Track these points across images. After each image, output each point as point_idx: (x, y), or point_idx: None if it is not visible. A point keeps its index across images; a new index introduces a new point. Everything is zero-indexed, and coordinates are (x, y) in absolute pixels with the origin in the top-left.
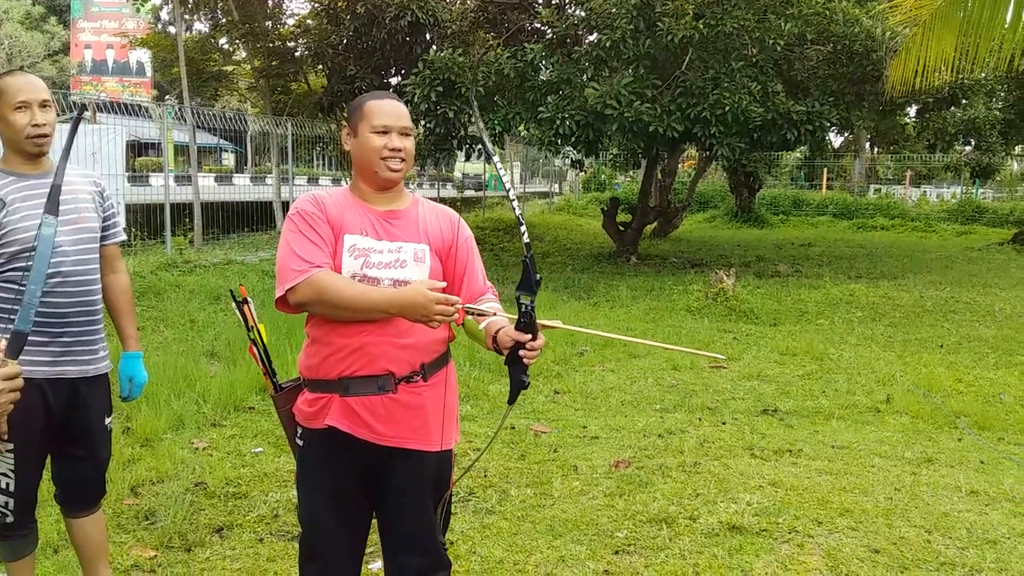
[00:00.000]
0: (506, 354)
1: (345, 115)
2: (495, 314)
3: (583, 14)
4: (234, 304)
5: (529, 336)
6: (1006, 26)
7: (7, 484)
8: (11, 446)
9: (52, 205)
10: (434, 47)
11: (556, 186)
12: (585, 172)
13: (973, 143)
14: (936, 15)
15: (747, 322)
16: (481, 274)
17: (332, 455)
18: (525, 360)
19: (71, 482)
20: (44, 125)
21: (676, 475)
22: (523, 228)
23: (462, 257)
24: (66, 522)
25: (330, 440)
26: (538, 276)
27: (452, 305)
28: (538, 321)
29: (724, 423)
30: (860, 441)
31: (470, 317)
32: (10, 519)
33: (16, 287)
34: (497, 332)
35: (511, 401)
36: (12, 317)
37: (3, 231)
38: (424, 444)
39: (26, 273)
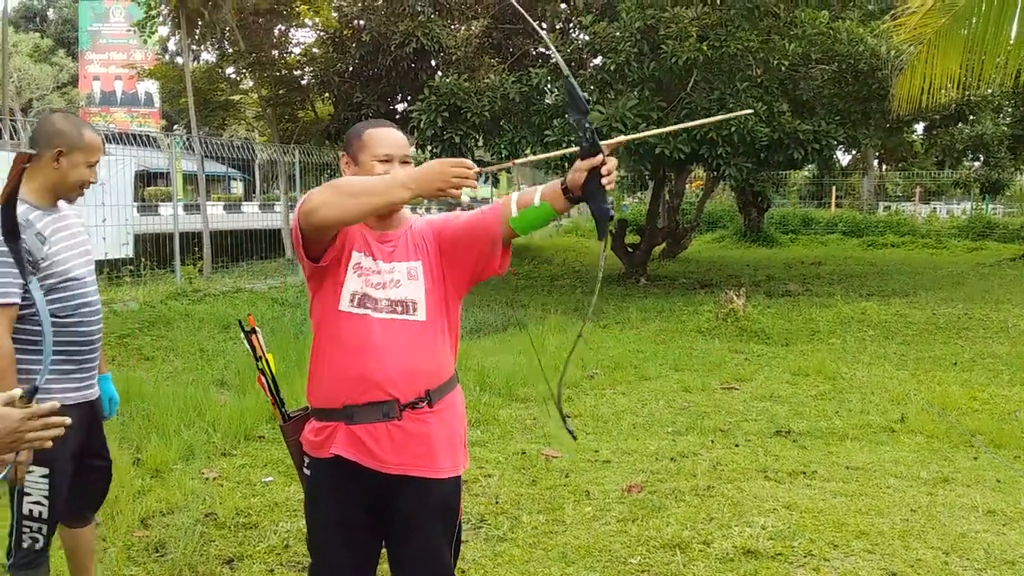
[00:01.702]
0: (583, 191)
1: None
2: (514, 163)
3: (587, 38)
4: (242, 334)
5: (601, 157)
6: (1011, 42)
7: (40, 512)
8: (46, 471)
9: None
10: (439, 73)
11: None
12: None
13: (982, 159)
14: (940, 33)
15: (758, 342)
16: (481, 211)
17: (339, 484)
18: (606, 183)
19: (88, 493)
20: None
21: (689, 499)
22: (556, 54)
23: (451, 226)
24: (64, 532)
25: (337, 469)
26: (586, 95)
27: (469, 168)
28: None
29: (737, 445)
30: (875, 462)
31: (515, 215)
32: (39, 545)
33: (56, 319)
34: (563, 183)
35: (601, 236)
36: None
37: (47, 263)
38: (431, 471)
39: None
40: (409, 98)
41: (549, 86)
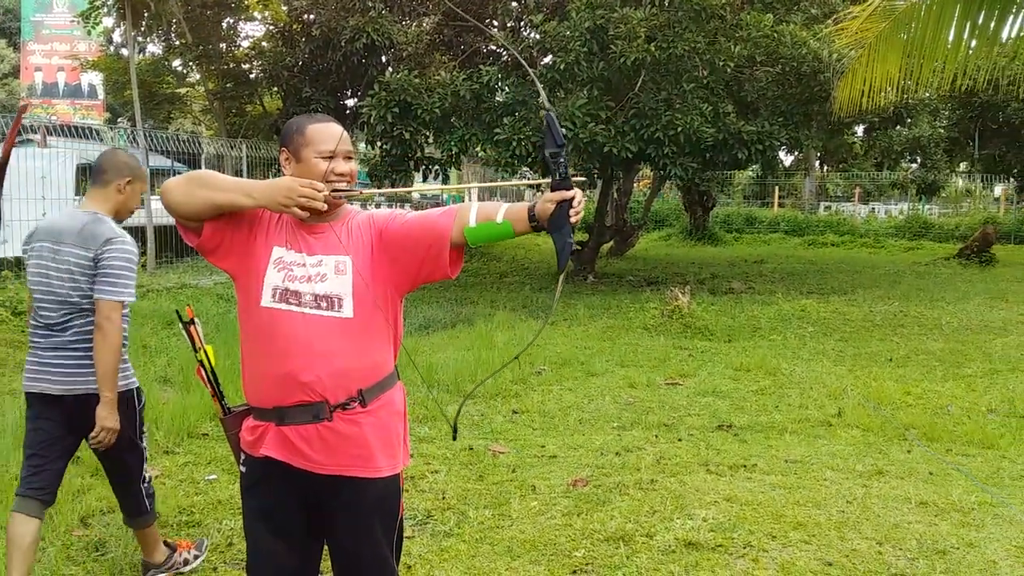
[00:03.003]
0: (550, 221)
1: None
2: (361, 192)
3: (538, 37)
4: (180, 325)
5: (573, 191)
6: (948, 47)
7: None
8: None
9: None
10: (390, 69)
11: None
12: (542, 191)
13: (919, 161)
14: (881, 37)
15: (702, 339)
16: (433, 212)
17: (272, 483)
18: (574, 218)
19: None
20: None
21: (633, 493)
22: (539, 86)
23: (395, 224)
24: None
25: (270, 469)
26: (563, 131)
27: (319, 190)
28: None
29: (680, 440)
30: (813, 455)
31: (472, 225)
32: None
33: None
34: (532, 208)
35: (561, 267)
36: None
37: None
38: (367, 471)
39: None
40: (359, 94)
41: (500, 84)
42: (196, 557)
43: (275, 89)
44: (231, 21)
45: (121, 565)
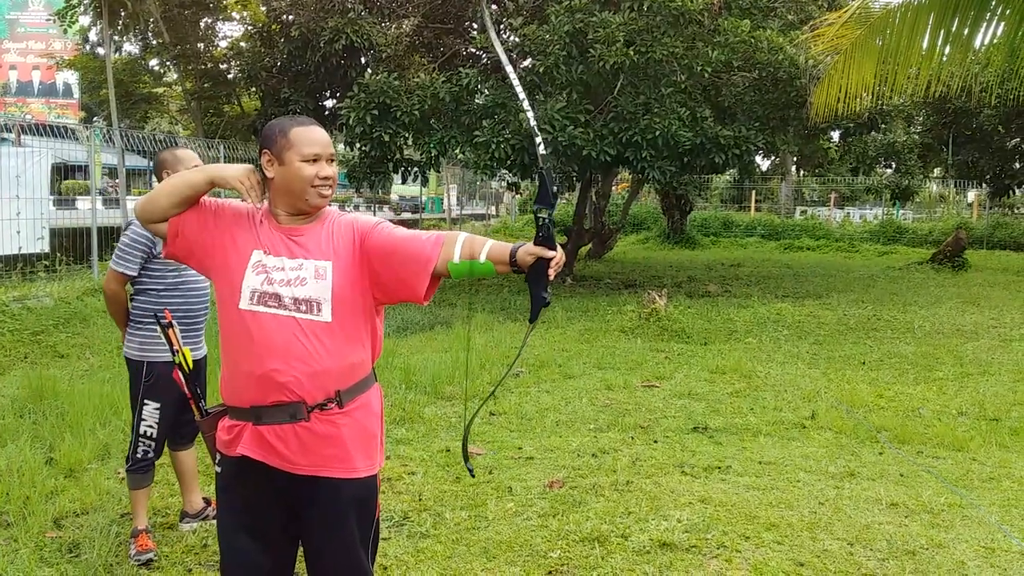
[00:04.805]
0: (527, 272)
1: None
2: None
3: (517, 40)
4: (159, 327)
5: (554, 252)
6: (923, 54)
7: (152, 432)
8: (158, 405)
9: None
10: (369, 70)
11: (493, 208)
12: (521, 194)
13: (893, 166)
14: (856, 44)
15: (679, 341)
16: (420, 236)
17: (248, 483)
18: (551, 275)
19: (189, 424)
20: None
21: (609, 494)
22: (538, 139)
23: (379, 235)
24: (173, 456)
25: (245, 468)
26: (555, 188)
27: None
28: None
29: (656, 441)
30: (786, 457)
31: (455, 261)
32: (150, 456)
33: (172, 296)
34: (515, 251)
35: (533, 320)
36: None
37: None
38: (344, 472)
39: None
40: (338, 95)
41: (479, 87)
42: (148, 561)
43: (253, 89)
44: (209, 21)
45: (96, 567)
